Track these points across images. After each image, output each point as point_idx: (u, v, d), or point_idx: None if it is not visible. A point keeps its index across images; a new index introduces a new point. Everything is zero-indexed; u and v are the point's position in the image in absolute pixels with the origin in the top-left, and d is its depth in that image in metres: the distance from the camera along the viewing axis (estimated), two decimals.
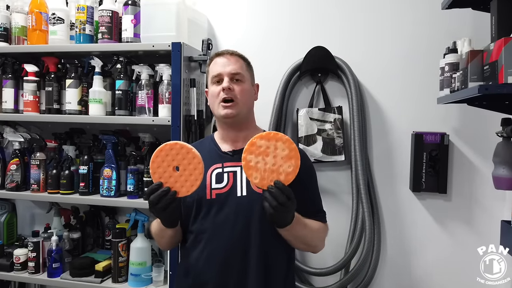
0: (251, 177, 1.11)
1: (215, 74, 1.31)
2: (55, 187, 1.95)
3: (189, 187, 1.12)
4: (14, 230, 2.24)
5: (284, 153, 1.10)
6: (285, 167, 1.10)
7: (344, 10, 1.96)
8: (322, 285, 1.93)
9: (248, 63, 1.37)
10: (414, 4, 1.89)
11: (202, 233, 1.27)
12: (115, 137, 1.92)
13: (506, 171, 1.36)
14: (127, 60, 1.89)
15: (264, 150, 1.10)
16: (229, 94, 1.27)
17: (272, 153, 1.10)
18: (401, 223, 1.93)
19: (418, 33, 1.89)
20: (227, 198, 1.26)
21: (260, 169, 1.10)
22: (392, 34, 1.92)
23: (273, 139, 1.11)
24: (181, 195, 1.12)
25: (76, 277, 1.89)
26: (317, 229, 1.30)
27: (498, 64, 1.11)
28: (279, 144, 1.10)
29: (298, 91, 2.03)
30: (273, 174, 1.10)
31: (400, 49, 1.91)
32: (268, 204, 1.08)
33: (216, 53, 1.36)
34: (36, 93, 1.99)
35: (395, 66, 1.92)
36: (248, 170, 1.11)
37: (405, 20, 1.90)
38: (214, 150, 1.35)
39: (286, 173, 1.10)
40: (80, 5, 1.88)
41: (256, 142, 1.11)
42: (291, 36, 2.01)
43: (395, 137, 1.93)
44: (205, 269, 1.25)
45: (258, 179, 1.10)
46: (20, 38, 2.01)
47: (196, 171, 1.12)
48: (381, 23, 1.93)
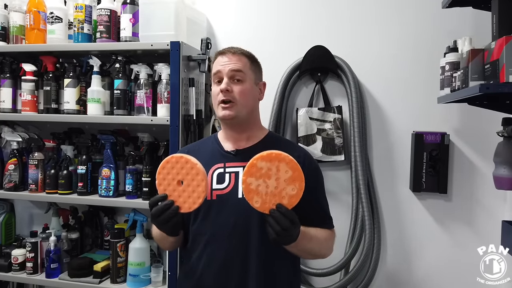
0: (251, 201, 1.06)
1: (214, 72, 1.28)
2: (54, 187, 1.94)
3: (191, 204, 1.10)
4: (12, 230, 2.23)
5: (287, 175, 1.04)
6: (289, 190, 1.04)
7: (344, 9, 1.95)
8: (322, 285, 1.92)
9: (253, 61, 1.31)
10: (414, 3, 1.88)
11: (201, 235, 1.24)
12: (113, 137, 1.91)
13: (507, 171, 1.35)
14: (126, 60, 1.89)
15: (266, 172, 1.04)
16: (227, 96, 1.23)
17: (275, 176, 1.04)
18: (401, 223, 1.92)
19: (418, 32, 1.88)
20: (227, 199, 1.23)
21: (261, 192, 1.04)
22: (392, 33, 1.91)
23: (275, 160, 1.04)
24: (183, 211, 1.11)
25: (75, 277, 1.88)
26: (325, 239, 1.26)
27: (499, 63, 1.11)
28: (281, 166, 1.04)
29: (297, 91, 2.02)
30: (275, 198, 1.04)
31: (400, 48, 1.90)
32: (271, 229, 1.04)
33: (219, 51, 1.31)
34: (34, 93, 1.98)
35: (395, 65, 1.91)
36: (249, 194, 1.05)
37: (406, 19, 1.89)
38: (217, 149, 1.32)
39: (289, 196, 1.04)
40: (78, 4, 1.87)
41: (257, 163, 1.05)
42: (290, 35, 2.01)
43: (395, 137, 1.93)
44: (205, 272, 1.23)
45: (260, 203, 1.05)
46: (18, 37, 2.00)
47: (199, 188, 1.09)
48: (381, 22, 1.92)
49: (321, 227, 1.25)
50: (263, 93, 1.36)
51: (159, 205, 1.10)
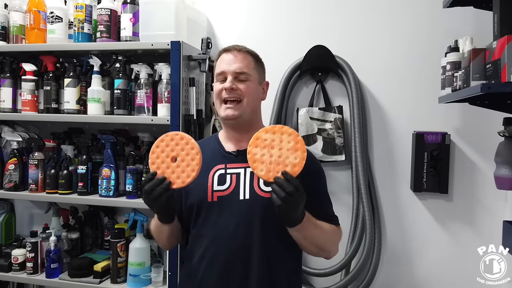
0: (256, 169, 1.09)
1: (219, 71, 1.25)
2: (54, 187, 1.93)
3: (185, 178, 1.10)
4: (12, 230, 2.23)
5: (289, 145, 1.09)
6: (291, 158, 1.08)
7: (344, 8, 1.95)
8: (322, 286, 1.92)
9: (257, 60, 1.30)
10: (414, 2, 1.88)
11: (203, 237, 1.23)
12: (114, 137, 1.90)
13: (508, 171, 1.34)
14: (126, 59, 1.88)
15: (269, 143, 1.10)
16: (232, 94, 1.21)
17: (278, 146, 1.09)
18: (402, 223, 1.92)
19: (419, 31, 1.87)
20: (229, 201, 1.21)
21: (265, 161, 1.09)
22: (393, 32, 1.91)
23: (278, 132, 1.10)
24: (176, 186, 1.10)
25: (75, 277, 1.87)
26: (329, 230, 1.23)
27: (500, 63, 1.10)
28: (284, 137, 1.10)
29: (298, 91, 2.02)
30: (279, 165, 1.08)
31: (401, 48, 1.90)
32: (276, 195, 1.04)
33: (224, 48, 1.29)
34: (34, 92, 1.97)
35: (396, 65, 1.90)
36: (254, 163, 1.09)
37: (406, 19, 1.89)
38: (218, 150, 1.29)
39: (292, 164, 1.08)
40: (78, 4, 1.87)
41: (261, 135, 1.11)
42: (291, 35, 2.00)
43: (396, 137, 1.92)
44: (206, 275, 1.21)
45: (264, 171, 1.08)
46: (18, 37, 2.00)
47: (194, 162, 1.10)
48: (381, 22, 1.92)
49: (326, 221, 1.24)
50: (266, 93, 1.34)
51: (151, 182, 1.09)
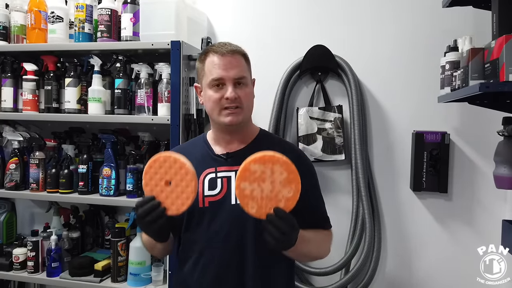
0: (247, 207, 1.00)
1: (215, 77, 1.16)
2: (54, 186, 1.94)
3: (179, 206, 1.04)
4: (13, 229, 2.23)
5: (282, 177, 0.99)
6: (285, 192, 0.98)
7: (344, 8, 1.95)
8: (322, 285, 1.93)
9: (246, 58, 1.24)
10: (414, 2, 1.88)
11: (194, 244, 1.20)
12: (114, 136, 1.91)
13: (507, 170, 1.35)
14: (126, 59, 1.89)
15: (260, 176, 0.98)
16: (234, 103, 1.16)
17: (269, 178, 0.98)
18: (402, 222, 1.92)
19: (418, 31, 1.88)
20: (220, 206, 1.17)
21: (256, 197, 0.98)
22: (393, 32, 1.91)
23: (269, 162, 0.99)
24: (170, 213, 1.04)
25: (75, 276, 1.88)
26: (322, 240, 1.22)
27: (499, 62, 1.10)
28: (276, 168, 0.98)
29: (298, 90, 2.02)
30: (271, 201, 0.99)
31: (401, 48, 1.90)
32: (269, 236, 0.98)
33: (213, 48, 1.19)
34: (35, 92, 1.98)
35: (396, 64, 1.91)
36: (243, 200, 1.00)
37: (406, 18, 1.89)
38: (207, 153, 1.24)
39: (286, 199, 0.99)
40: (79, 4, 1.88)
41: (250, 167, 0.99)
42: (291, 35, 2.00)
43: (396, 136, 1.92)
44: (199, 282, 1.18)
45: (255, 209, 0.99)
46: (19, 37, 2.01)
47: (188, 189, 1.03)
48: (381, 22, 1.92)
49: (317, 228, 1.22)
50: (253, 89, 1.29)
51: (145, 206, 1.04)
